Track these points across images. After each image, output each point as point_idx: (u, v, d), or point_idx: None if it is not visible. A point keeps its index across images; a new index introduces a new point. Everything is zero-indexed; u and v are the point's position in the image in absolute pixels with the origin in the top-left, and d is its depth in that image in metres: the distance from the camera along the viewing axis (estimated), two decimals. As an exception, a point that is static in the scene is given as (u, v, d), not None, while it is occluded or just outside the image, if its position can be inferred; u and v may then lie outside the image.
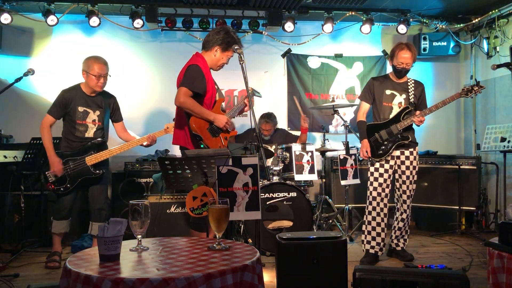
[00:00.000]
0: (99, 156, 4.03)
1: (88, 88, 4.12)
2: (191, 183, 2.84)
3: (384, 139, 4.04)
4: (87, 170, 4.02)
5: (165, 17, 5.65)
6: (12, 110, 5.63)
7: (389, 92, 4.08)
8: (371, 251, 4.05)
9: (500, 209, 5.44)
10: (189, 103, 3.36)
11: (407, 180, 4.06)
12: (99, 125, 4.14)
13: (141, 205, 1.98)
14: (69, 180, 4.00)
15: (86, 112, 4.11)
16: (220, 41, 3.49)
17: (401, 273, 2.56)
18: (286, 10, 5.74)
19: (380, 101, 4.10)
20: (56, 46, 5.76)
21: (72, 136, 4.08)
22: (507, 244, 2.21)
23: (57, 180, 3.99)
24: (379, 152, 4.05)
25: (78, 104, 4.07)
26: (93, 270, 1.71)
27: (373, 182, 4.07)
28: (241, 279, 1.74)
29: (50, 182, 3.99)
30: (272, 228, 4.24)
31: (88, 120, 4.11)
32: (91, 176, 4.05)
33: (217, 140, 3.47)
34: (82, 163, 4.01)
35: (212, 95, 3.52)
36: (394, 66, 4.04)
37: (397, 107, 4.06)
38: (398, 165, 4.09)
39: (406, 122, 4.00)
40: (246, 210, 2.66)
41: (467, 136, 6.48)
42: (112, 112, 4.30)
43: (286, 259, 2.72)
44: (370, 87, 4.15)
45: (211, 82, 3.51)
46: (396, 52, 3.99)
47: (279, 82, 6.16)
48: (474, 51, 6.29)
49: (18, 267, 3.95)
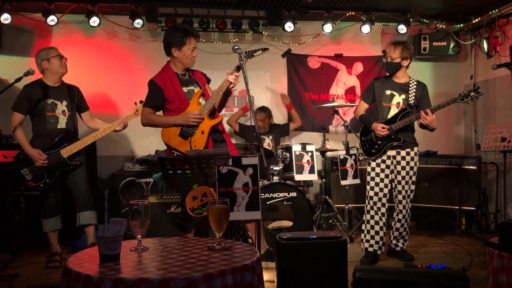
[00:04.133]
0: (73, 147, 4.03)
1: (51, 79, 4.11)
2: (191, 183, 2.84)
3: (378, 138, 4.06)
4: (64, 162, 4.01)
5: (165, 17, 5.65)
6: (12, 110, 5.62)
7: (389, 92, 4.10)
8: (370, 250, 4.06)
9: (500, 209, 5.44)
10: (151, 119, 3.51)
11: (403, 180, 4.07)
12: (69, 115, 4.13)
13: (141, 205, 1.99)
14: (47, 175, 3.98)
15: (54, 104, 4.09)
16: (172, 42, 3.49)
17: (401, 273, 2.57)
18: (286, 10, 5.74)
19: (380, 101, 4.12)
20: (56, 46, 5.73)
21: (44, 130, 4.04)
22: (507, 244, 2.21)
23: (36, 177, 3.97)
24: (372, 151, 4.10)
25: (45, 97, 4.06)
26: (93, 270, 1.71)
27: (370, 182, 4.11)
28: (241, 279, 1.74)
29: (29, 180, 3.97)
30: (272, 228, 4.24)
31: (58, 111, 4.09)
32: (68, 168, 4.04)
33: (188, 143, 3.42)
34: (58, 156, 3.99)
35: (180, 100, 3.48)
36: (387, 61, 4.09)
37: (395, 107, 4.06)
38: (395, 165, 4.10)
39: (400, 123, 3.99)
40: (246, 210, 2.66)
41: (467, 136, 6.48)
42: (78, 102, 4.28)
43: (286, 259, 2.72)
44: (371, 88, 4.18)
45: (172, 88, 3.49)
46: (387, 49, 4.10)
47: (279, 82, 6.16)
48: (474, 51, 6.29)
49: (18, 267, 3.95)
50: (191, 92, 3.56)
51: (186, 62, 3.54)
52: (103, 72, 5.77)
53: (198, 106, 3.47)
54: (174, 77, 3.54)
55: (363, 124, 4.22)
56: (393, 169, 4.11)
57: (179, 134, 3.43)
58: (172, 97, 3.49)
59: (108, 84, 5.77)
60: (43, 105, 4.04)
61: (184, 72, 3.60)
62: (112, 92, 5.79)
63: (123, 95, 5.86)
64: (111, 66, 5.82)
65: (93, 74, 5.64)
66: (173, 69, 3.58)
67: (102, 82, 5.73)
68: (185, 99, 3.50)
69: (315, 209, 4.97)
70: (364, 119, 4.20)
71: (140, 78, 5.93)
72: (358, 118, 4.27)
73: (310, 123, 6.16)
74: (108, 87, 5.77)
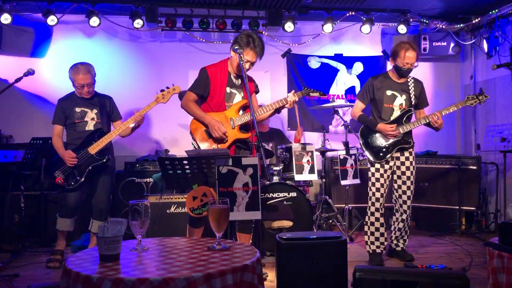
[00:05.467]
0: (100, 143, 4.09)
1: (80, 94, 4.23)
2: (191, 183, 2.84)
3: (387, 141, 4.02)
4: (92, 158, 4.08)
5: (165, 17, 5.65)
6: (12, 110, 5.63)
7: (390, 92, 4.04)
8: (377, 251, 4.05)
9: (500, 209, 5.44)
10: (189, 106, 3.49)
11: (408, 180, 4.06)
12: (97, 121, 4.23)
13: (141, 205, 1.98)
14: (78, 173, 4.06)
15: (84, 112, 4.22)
16: (235, 42, 3.49)
17: (401, 273, 2.56)
18: (286, 10, 5.74)
19: (381, 102, 4.05)
20: (56, 46, 5.76)
21: (75, 133, 4.18)
22: (507, 244, 2.21)
23: (67, 177, 4.06)
24: (380, 154, 4.03)
25: (75, 106, 4.19)
26: (93, 270, 1.71)
27: (375, 183, 4.06)
28: (241, 279, 1.74)
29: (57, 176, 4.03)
30: (272, 228, 4.24)
31: (87, 118, 4.21)
32: (97, 163, 4.10)
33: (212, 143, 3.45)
34: (86, 154, 4.06)
35: (220, 99, 3.50)
36: (398, 66, 3.97)
37: (398, 108, 4.03)
38: (398, 166, 4.08)
39: (409, 126, 3.99)
40: (246, 210, 2.66)
41: (467, 136, 6.48)
42: (109, 112, 4.37)
43: (286, 259, 2.72)
44: (370, 88, 4.09)
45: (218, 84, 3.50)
46: (401, 53, 3.92)
47: (279, 82, 6.16)
48: (474, 51, 6.29)
49: (18, 267, 3.95)
50: (233, 95, 3.54)
51: (233, 66, 3.53)
52: (103, 72, 5.77)
53: (235, 115, 3.49)
54: (225, 75, 3.54)
55: (363, 125, 4.15)
56: (395, 170, 4.09)
57: (205, 131, 3.47)
58: (214, 93, 3.50)
59: (108, 84, 5.76)
60: (73, 114, 4.18)
61: (236, 75, 3.57)
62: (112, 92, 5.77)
63: (123, 95, 5.86)
64: (111, 66, 5.82)
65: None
66: (228, 67, 3.56)
67: (102, 82, 5.71)
68: (223, 99, 3.50)
69: (315, 209, 4.97)
70: (365, 120, 4.11)
71: (140, 78, 5.96)
72: (356, 119, 4.18)
73: (310, 123, 6.16)
74: (108, 87, 5.75)
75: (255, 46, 3.41)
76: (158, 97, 4.08)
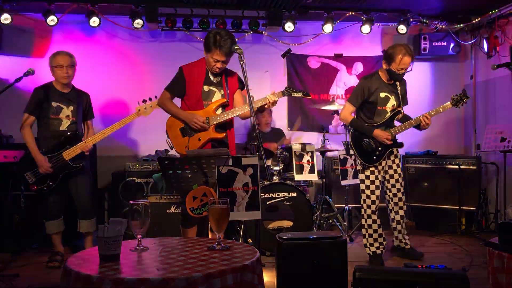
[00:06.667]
0: (75, 149, 4.02)
1: (60, 85, 4.13)
2: (191, 183, 2.84)
3: (378, 144, 3.99)
4: (66, 164, 4.01)
5: (165, 17, 5.64)
6: (12, 110, 5.61)
7: (384, 95, 3.99)
8: (378, 252, 4.05)
9: (500, 209, 5.44)
10: (165, 104, 3.53)
11: (400, 178, 4.11)
12: (72, 120, 4.14)
13: (141, 205, 1.99)
14: (50, 178, 3.99)
15: (60, 108, 4.11)
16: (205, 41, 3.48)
17: (401, 273, 2.56)
18: (286, 10, 5.74)
19: (375, 104, 3.99)
20: (56, 46, 5.75)
21: (48, 132, 4.07)
22: (507, 244, 2.21)
23: (38, 180, 3.99)
24: (373, 157, 4.00)
25: (52, 100, 4.08)
26: (93, 270, 1.71)
27: (370, 186, 4.04)
28: (241, 279, 1.74)
29: (31, 183, 3.98)
30: (272, 228, 4.25)
31: (62, 115, 4.11)
32: (71, 170, 4.03)
33: (184, 140, 3.46)
34: (60, 159, 3.99)
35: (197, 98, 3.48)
36: (392, 71, 3.91)
37: (390, 110, 4.02)
38: (389, 165, 4.11)
39: (400, 128, 3.98)
40: (246, 210, 2.66)
41: (467, 136, 6.48)
42: (85, 110, 4.30)
43: (286, 259, 2.72)
44: (364, 90, 3.97)
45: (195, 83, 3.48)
46: (397, 57, 3.83)
47: (279, 82, 6.16)
48: (474, 51, 6.29)
49: (18, 267, 3.95)
50: (211, 92, 3.51)
51: (209, 66, 3.50)
52: (103, 72, 5.78)
53: (213, 114, 3.46)
54: (203, 73, 3.51)
55: (354, 130, 4.06)
56: (387, 169, 4.11)
57: (180, 128, 3.48)
58: (191, 92, 3.49)
59: (108, 84, 5.77)
60: (49, 108, 4.07)
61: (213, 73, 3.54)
62: (112, 93, 5.79)
63: (123, 96, 5.86)
64: (111, 66, 5.82)
65: (93, 74, 5.63)
66: (206, 65, 3.53)
67: (102, 82, 5.73)
68: (200, 98, 3.48)
69: (315, 209, 4.97)
70: (359, 125, 4.02)
71: (140, 78, 5.95)
72: (348, 124, 4.09)
73: (310, 123, 6.16)
74: (108, 87, 5.78)
75: (220, 46, 3.35)
76: (140, 110, 4.08)
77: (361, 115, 4.09)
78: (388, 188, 4.14)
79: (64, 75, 4.07)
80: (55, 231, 4.15)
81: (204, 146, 3.45)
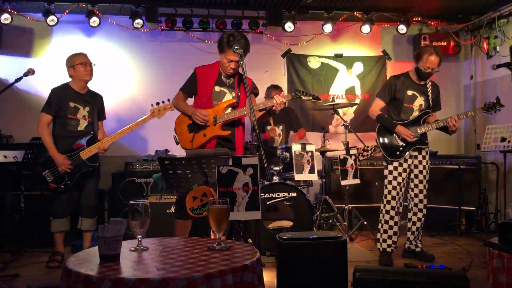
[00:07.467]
0: (92, 149, 4.08)
1: (77, 85, 4.19)
2: (191, 183, 2.84)
3: (403, 141, 4.05)
4: (83, 164, 4.06)
5: (165, 17, 5.65)
6: (12, 110, 5.63)
7: (411, 93, 4.07)
8: (388, 250, 4.06)
9: (500, 209, 5.44)
10: (178, 103, 3.64)
11: (424, 179, 4.11)
12: (89, 120, 4.20)
13: (141, 205, 1.98)
14: (68, 176, 4.04)
15: (77, 108, 4.17)
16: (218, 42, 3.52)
17: (401, 273, 2.57)
18: (286, 10, 5.74)
19: (402, 101, 4.07)
20: (56, 46, 5.76)
21: (65, 131, 4.12)
22: (507, 244, 2.21)
23: (56, 179, 4.02)
24: (396, 153, 4.06)
25: (69, 100, 4.14)
26: (93, 270, 1.71)
27: (392, 181, 4.07)
28: (241, 279, 1.74)
29: (50, 181, 4.00)
30: (272, 228, 4.24)
31: (79, 115, 4.17)
32: (88, 170, 4.09)
33: (189, 136, 3.52)
34: (78, 158, 4.04)
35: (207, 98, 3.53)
36: (419, 69, 4.01)
37: (417, 108, 4.07)
38: (415, 165, 4.12)
39: (428, 128, 4.02)
40: (246, 210, 2.66)
41: (467, 136, 6.48)
42: (99, 111, 4.37)
43: (286, 259, 2.72)
44: (392, 86, 4.10)
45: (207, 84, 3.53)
46: (424, 56, 3.95)
47: (279, 82, 6.14)
48: (474, 51, 6.29)
49: (18, 267, 3.95)
50: (222, 93, 3.56)
51: (222, 67, 3.54)
52: (103, 72, 5.77)
53: (221, 113, 3.50)
54: (215, 74, 3.57)
55: (380, 124, 4.15)
56: (413, 169, 4.12)
57: (188, 125, 3.55)
58: (202, 92, 3.55)
59: (108, 84, 5.77)
60: (67, 108, 4.12)
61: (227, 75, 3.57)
62: (112, 93, 5.79)
63: (123, 96, 5.86)
64: (110, 66, 5.82)
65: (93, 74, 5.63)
66: (220, 67, 3.59)
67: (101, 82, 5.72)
68: (210, 97, 3.53)
69: (315, 209, 4.97)
70: (383, 120, 4.13)
71: (140, 78, 5.96)
72: (374, 118, 4.17)
73: (310, 123, 6.16)
74: (108, 87, 5.77)
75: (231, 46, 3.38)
76: (154, 112, 4.10)
77: (390, 112, 4.17)
78: (411, 188, 4.15)
79: (88, 72, 4.17)
80: (60, 230, 4.17)
81: (209, 143, 3.50)
